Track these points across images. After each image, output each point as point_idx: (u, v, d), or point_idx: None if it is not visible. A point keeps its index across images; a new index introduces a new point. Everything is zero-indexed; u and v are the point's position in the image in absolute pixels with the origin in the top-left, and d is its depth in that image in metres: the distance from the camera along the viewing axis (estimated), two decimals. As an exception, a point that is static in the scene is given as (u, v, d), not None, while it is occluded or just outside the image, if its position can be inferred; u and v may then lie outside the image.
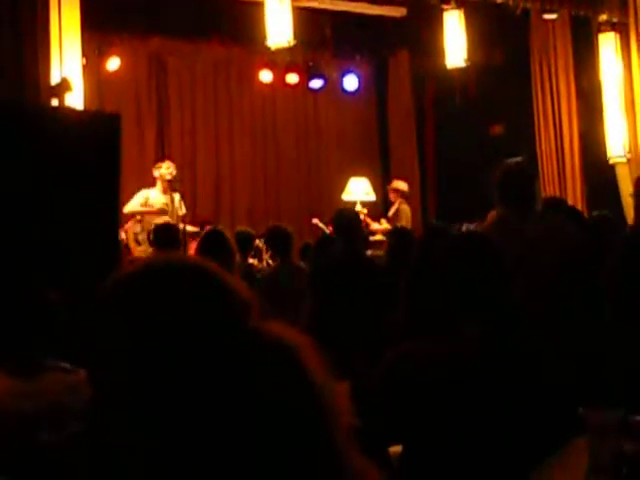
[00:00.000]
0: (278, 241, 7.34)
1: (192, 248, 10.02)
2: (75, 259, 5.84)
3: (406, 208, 11.69)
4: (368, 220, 11.54)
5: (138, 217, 10.23)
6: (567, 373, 3.10)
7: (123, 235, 9.84)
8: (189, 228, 10.16)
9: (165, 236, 7.78)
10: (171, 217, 10.07)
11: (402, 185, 11.96)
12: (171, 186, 10.39)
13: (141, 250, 9.88)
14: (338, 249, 6.47)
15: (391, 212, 11.75)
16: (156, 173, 10.40)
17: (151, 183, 10.52)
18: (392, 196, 11.90)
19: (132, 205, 10.27)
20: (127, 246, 9.83)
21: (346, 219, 6.60)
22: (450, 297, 2.83)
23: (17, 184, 5.89)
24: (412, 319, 3.62)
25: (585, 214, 11.09)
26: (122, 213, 9.37)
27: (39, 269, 5.05)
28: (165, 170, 10.36)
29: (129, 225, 10.11)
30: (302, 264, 7.34)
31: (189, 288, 1.20)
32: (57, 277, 4.01)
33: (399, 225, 10.86)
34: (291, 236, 7.32)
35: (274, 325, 1.22)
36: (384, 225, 11.30)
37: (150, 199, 10.29)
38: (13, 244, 5.68)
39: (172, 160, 11.28)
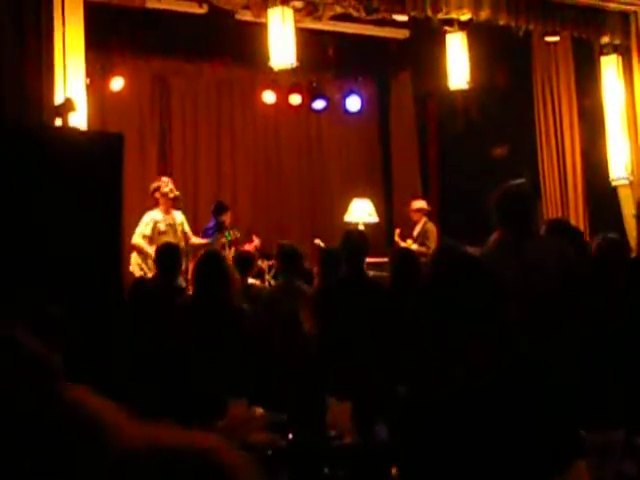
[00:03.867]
0: (286, 259, 7.32)
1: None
2: (77, 277, 5.84)
3: (432, 227, 11.76)
4: (398, 240, 11.56)
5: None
6: (569, 393, 3.09)
7: (131, 268, 9.88)
8: (196, 240, 10.24)
9: (167, 260, 7.79)
10: (174, 238, 10.07)
11: (423, 204, 12.04)
12: (174, 204, 10.42)
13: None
14: (343, 270, 6.48)
15: (416, 232, 11.76)
16: (157, 194, 10.40)
17: (152, 199, 10.53)
18: (415, 216, 11.92)
19: (142, 232, 10.21)
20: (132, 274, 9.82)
21: (352, 241, 6.60)
22: (453, 319, 2.83)
23: (20, 204, 5.90)
24: (419, 343, 3.61)
25: (587, 235, 11.11)
26: (128, 240, 9.43)
27: (42, 287, 5.06)
28: (166, 189, 10.36)
29: (132, 256, 10.11)
30: (304, 285, 7.32)
31: None
32: (59, 294, 4.01)
33: (428, 244, 10.90)
34: (299, 257, 7.30)
35: (77, 390, 1.16)
36: (412, 246, 11.26)
37: (158, 223, 10.27)
38: (16, 263, 5.69)
39: (174, 180, 11.32)
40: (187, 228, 10.55)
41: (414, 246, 11.15)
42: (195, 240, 10.57)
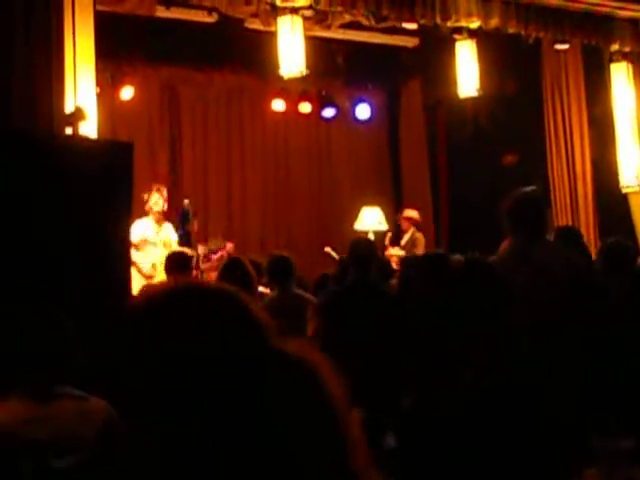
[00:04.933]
0: (276, 270, 7.28)
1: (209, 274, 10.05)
2: (87, 283, 5.85)
3: (421, 236, 11.72)
4: (387, 244, 11.55)
5: None
6: (578, 401, 3.08)
7: None
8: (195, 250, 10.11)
9: (178, 264, 7.79)
10: (162, 249, 9.96)
11: (414, 213, 11.99)
12: (164, 215, 10.32)
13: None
14: (350, 278, 6.46)
15: (404, 240, 11.75)
16: (152, 201, 10.22)
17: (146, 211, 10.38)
18: (405, 225, 11.91)
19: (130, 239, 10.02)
20: None
21: (360, 249, 6.59)
22: (457, 322, 2.82)
23: (30, 212, 5.92)
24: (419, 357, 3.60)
25: (597, 243, 11.07)
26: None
27: (50, 292, 5.06)
28: (160, 200, 10.24)
29: None
30: (302, 292, 7.30)
31: (213, 311, 1.29)
32: (66, 300, 4.02)
33: (415, 252, 10.88)
34: (290, 264, 7.24)
35: (294, 344, 1.31)
36: (399, 252, 11.27)
37: (146, 234, 10.06)
38: (25, 271, 5.70)
39: (184, 189, 11.30)
40: (174, 239, 10.39)
41: (401, 252, 11.17)
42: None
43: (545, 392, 2.87)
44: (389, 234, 11.96)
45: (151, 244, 10.00)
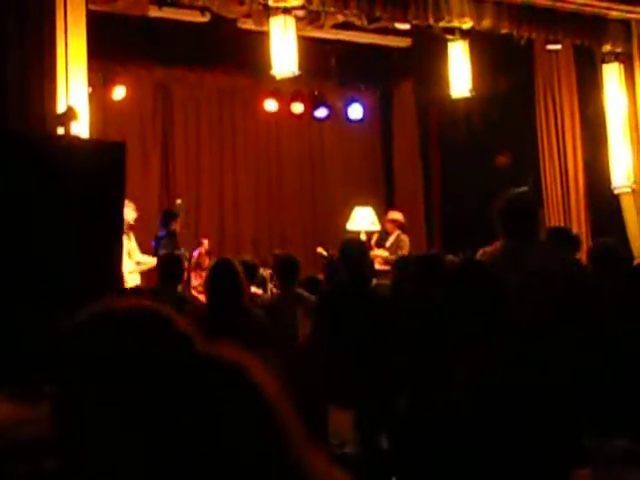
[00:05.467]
0: (282, 269, 7.28)
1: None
2: (77, 285, 5.84)
3: (406, 238, 11.71)
4: (373, 244, 11.55)
5: None
6: (572, 400, 3.08)
7: None
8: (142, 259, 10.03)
9: (170, 268, 7.79)
10: (127, 256, 9.90)
11: (398, 215, 11.98)
12: (131, 227, 10.28)
13: None
14: (344, 278, 6.46)
15: (389, 242, 11.74)
16: (130, 218, 10.18)
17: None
18: (389, 227, 11.90)
19: None
20: None
21: (352, 249, 6.59)
22: (446, 328, 2.82)
23: (22, 212, 5.90)
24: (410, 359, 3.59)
25: (589, 242, 11.08)
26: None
27: (42, 295, 5.05)
28: (133, 212, 10.20)
29: None
30: (303, 291, 7.30)
31: (140, 328, 1.38)
32: (58, 301, 4.01)
33: (400, 254, 10.86)
34: (297, 265, 7.24)
35: (224, 348, 1.36)
36: (384, 253, 11.26)
37: None
38: (17, 272, 5.69)
39: (176, 189, 11.24)
40: (135, 247, 10.36)
41: (386, 254, 11.16)
42: (141, 258, 10.28)
43: (539, 392, 2.87)
44: (375, 235, 11.95)
45: None
